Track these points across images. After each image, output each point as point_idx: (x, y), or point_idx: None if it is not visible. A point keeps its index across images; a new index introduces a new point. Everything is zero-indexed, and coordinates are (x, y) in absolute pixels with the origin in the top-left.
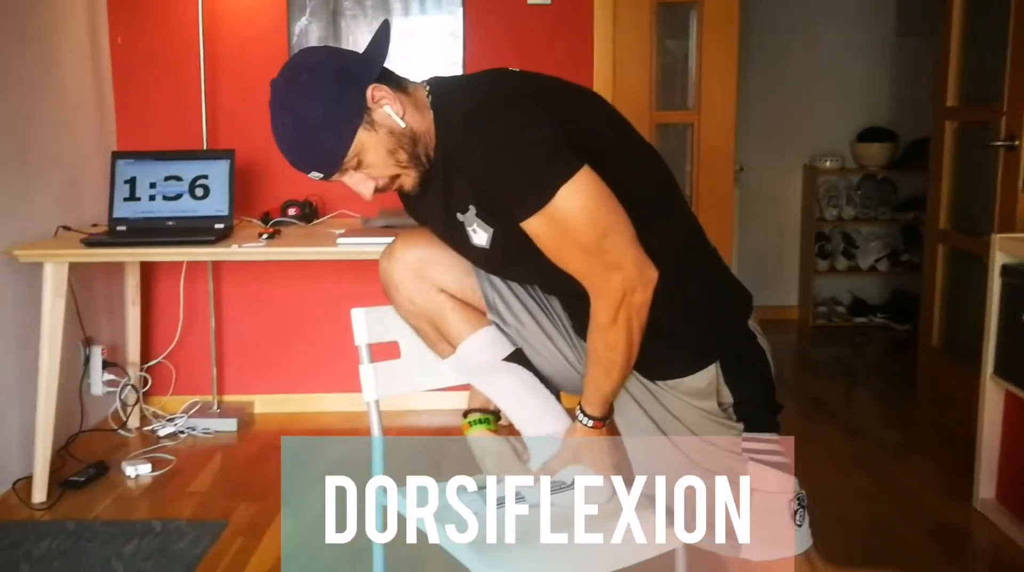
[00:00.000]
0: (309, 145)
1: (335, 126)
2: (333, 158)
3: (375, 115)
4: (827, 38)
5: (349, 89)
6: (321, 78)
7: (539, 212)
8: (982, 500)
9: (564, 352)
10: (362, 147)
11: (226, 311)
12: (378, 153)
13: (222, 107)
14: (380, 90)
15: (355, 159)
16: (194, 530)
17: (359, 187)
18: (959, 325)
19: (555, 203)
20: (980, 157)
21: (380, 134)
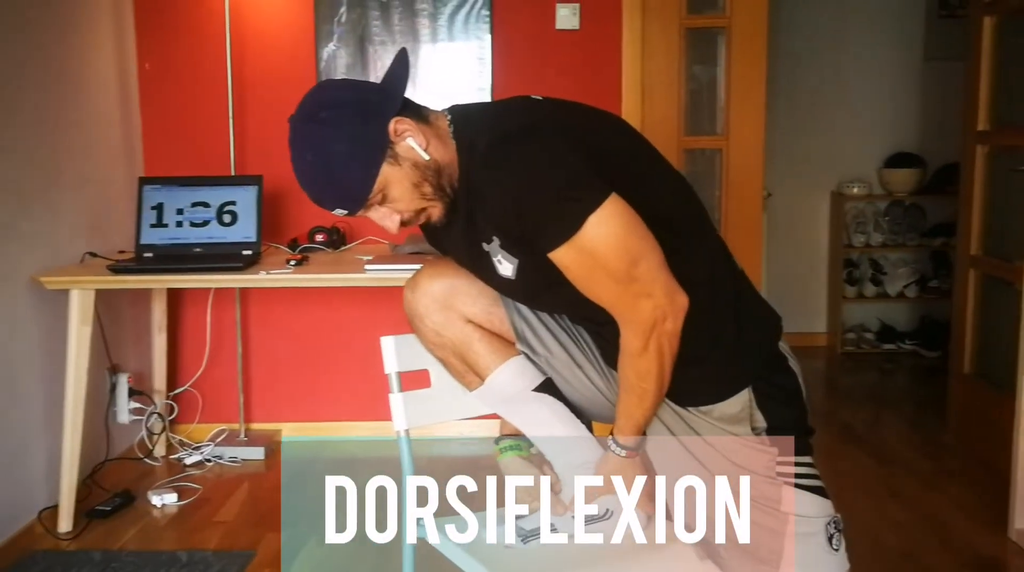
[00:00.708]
0: (333, 182)
1: (359, 162)
2: (358, 195)
3: (398, 149)
4: (854, 63)
5: (371, 124)
6: (342, 114)
7: (567, 242)
8: (1018, 530)
9: (595, 381)
10: (387, 182)
11: (253, 338)
12: (403, 187)
13: (250, 133)
14: (403, 123)
15: (380, 194)
16: (221, 561)
17: (385, 222)
18: (991, 352)
19: (584, 232)
20: (1012, 181)
21: (404, 168)
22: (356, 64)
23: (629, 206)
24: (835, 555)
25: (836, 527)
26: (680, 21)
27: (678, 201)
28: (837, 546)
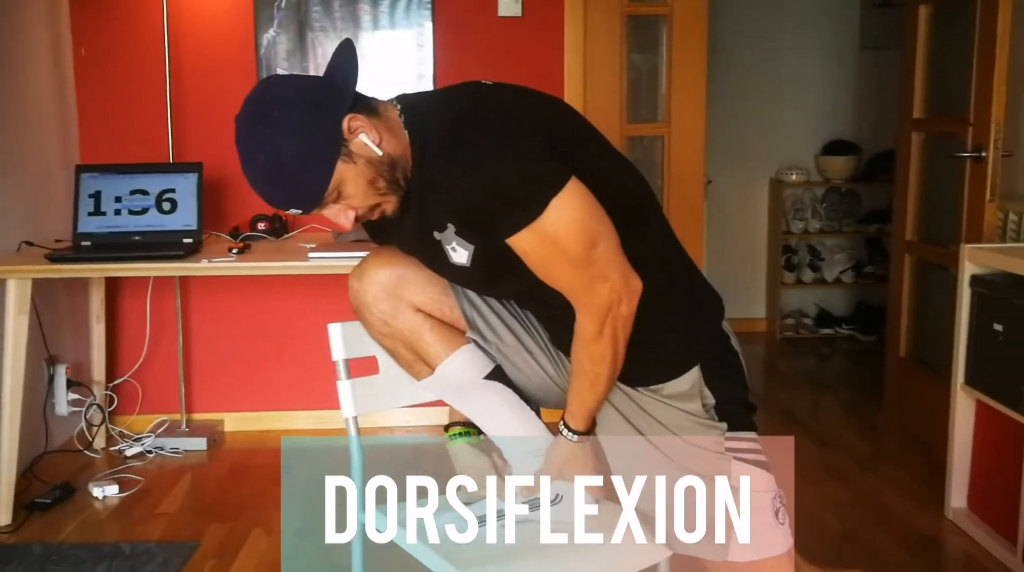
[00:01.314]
0: (287, 184)
1: (313, 162)
2: (313, 195)
3: (352, 146)
4: (791, 52)
5: (324, 122)
6: (293, 114)
7: (528, 227)
8: (953, 509)
9: (544, 366)
10: (341, 180)
11: (194, 328)
12: (358, 184)
13: (189, 120)
14: (356, 120)
15: (335, 192)
16: (164, 552)
17: (339, 218)
18: (926, 335)
19: (546, 216)
20: (946, 168)
21: (359, 165)
22: (296, 51)
23: (587, 189)
24: (781, 528)
25: (780, 501)
26: (622, 9)
27: (629, 185)
28: (783, 520)
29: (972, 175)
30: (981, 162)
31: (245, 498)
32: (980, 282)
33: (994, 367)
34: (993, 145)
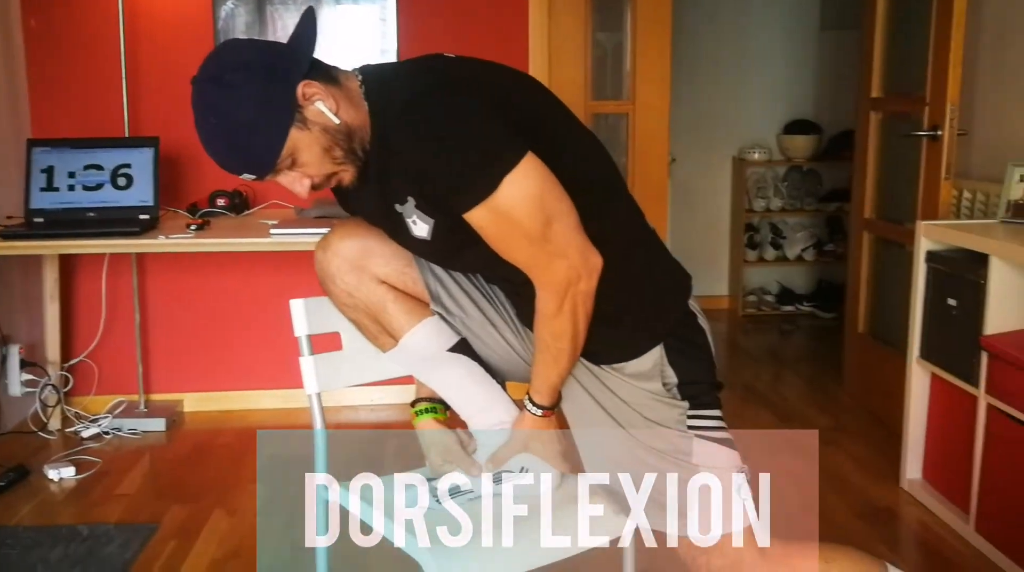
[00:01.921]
0: (239, 147)
1: (266, 127)
2: (266, 160)
3: (307, 113)
4: (754, 32)
5: (279, 87)
6: (248, 76)
7: (483, 203)
8: (909, 480)
9: (509, 340)
10: (295, 147)
11: (152, 306)
12: (313, 152)
13: (144, 93)
14: (311, 86)
15: (289, 159)
16: (123, 534)
17: (294, 186)
18: (884, 311)
19: (500, 193)
20: (903, 147)
21: (314, 132)
22: (255, 23)
23: (545, 166)
24: (743, 504)
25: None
26: None
27: (593, 161)
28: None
29: (928, 154)
30: (937, 141)
31: (206, 479)
32: (935, 258)
33: (948, 341)
34: (949, 124)
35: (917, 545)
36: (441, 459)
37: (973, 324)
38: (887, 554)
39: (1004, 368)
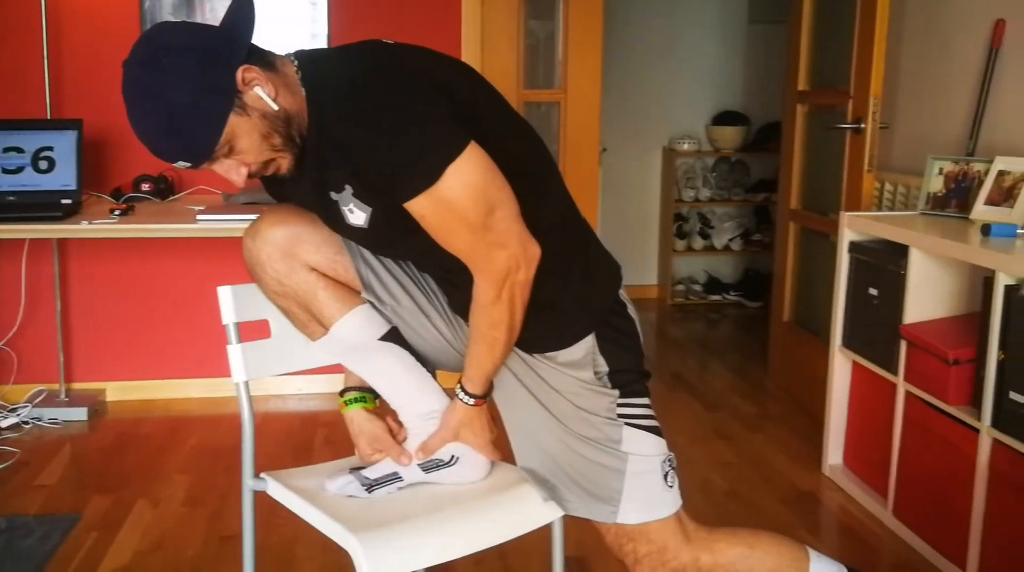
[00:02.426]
0: (175, 134)
1: (204, 113)
2: (203, 148)
3: (246, 98)
4: (683, 24)
5: (217, 72)
6: (185, 61)
7: (425, 192)
8: (831, 466)
9: (441, 329)
10: (234, 133)
11: (74, 293)
12: (251, 138)
13: (67, 75)
14: (250, 71)
15: (227, 146)
16: (43, 526)
17: (230, 174)
18: (809, 301)
19: (443, 182)
20: (828, 139)
21: (253, 118)
22: (183, 5)
23: (487, 155)
24: (670, 492)
25: (671, 465)
26: None
27: (529, 150)
28: (672, 483)
29: (852, 146)
30: (860, 134)
31: (129, 469)
32: (858, 249)
33: (869, 330)
34: (872, 117)
35: (838, 529)
36: (371, 448)
37: (893, 313)
38: (808, 539)
39: (922, 356)
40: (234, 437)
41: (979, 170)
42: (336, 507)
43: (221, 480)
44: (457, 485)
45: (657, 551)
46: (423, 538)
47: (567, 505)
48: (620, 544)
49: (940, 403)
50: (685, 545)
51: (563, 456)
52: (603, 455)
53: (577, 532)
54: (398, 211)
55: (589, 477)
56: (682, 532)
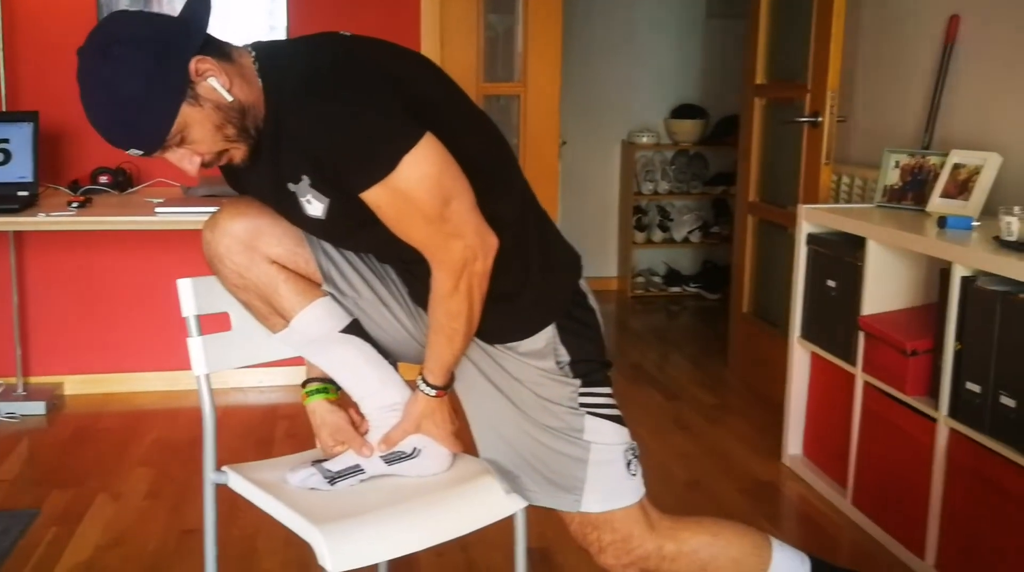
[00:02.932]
0: (127, 123)
1: (156, 103)
2: (154, 136)
3: (199, 89)
4: (643, 18)
5: (170, 62)
6: (137, 50)
7: (381, 182)
8: (790, 456)
9: (402, 321)
10: (186, 123)
11: (31, 286)
12: (204, 128)
13: (23, 65)
14: (204, 62)
15: (179, 136)
16: (3, 520)
17: (183, 163)
18: (767, 292)
19: (398, 173)
20: (786, 132)
21: (206, 109)
22: None
23: (442, 146)
24: (633, 480)
25: (633, 453)
26: None
27: (487, 142)
28: (635, 472)
29: (809, 139)
30: (817, 127)
31: (89, 463)
32: (815, 241)
33: (827, 321)
34: (829, 111)
35: (798, 519)
36: (332, 440)
37: (851, 305)
38: (769, 528)
39: (879, 347)
40: (193, 430)
41: (935, 163)
42: (298, 500)
43: (181, 473)
44: (420, 477)
45: (621, 539)
46: (386, 530)
47: (530, 495)
48: (584, 533)
49: (898, 393)
50: (649, 533)
51: (525, 446)
52: (565, 444)
53: (540, 524)
54: (355, 202)
55: (552, 466)
56: (646, 520)
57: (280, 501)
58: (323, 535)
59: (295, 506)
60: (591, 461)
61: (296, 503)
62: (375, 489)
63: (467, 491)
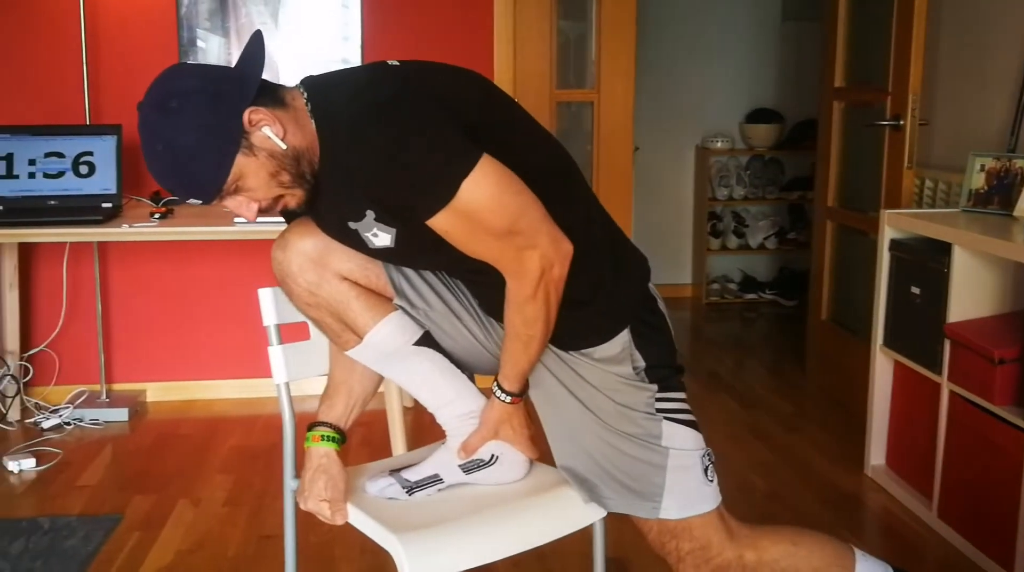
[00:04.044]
0: (184, 174)
1: (210, 155)
2: (210, 187)
3: (254, 139)
4: (717, 22)
5: (224, 114)
6: (193, 104)
7: (445, 209)
8: (873, 466)
9: (473, 332)
10: (241, 173)
11: (114, 295)
12: (259, 177)
13: (105, 81)
14: (258, 112)
15: (234, 185)
16: (85, 526)
17: (241, 210)
18: (846, 299)
19: (460, 197)
20: (866, 136)
21: (260, 158)
22: (218, 11)
23: (502, 164)
24: (710, 486)
25: (710, 459)
26: None
27: (547, 153)
28: (712, 477)
29: (891, 143)
30: (899, 130)
31: (170, 469)
32: (898, 246)
33: (911, 329)
34: (911, 114)
35: (881, 531)
36: (326, 492)
37: (936, 312)
38: (851, 540)
39: (966, 355)
40: (271, 437)
41: (1021, 166)
42: (377, 508)
43: (259, 480)
44: (498, 485)
45: (700, 548)
46: (464, 539)
47: (607, 503)
48: (663, 542)
49: (985, 403)
50: (728, 542)
51: (603, 453)
52: (643, 451)
53: (617, 532)
54: (422, 228)
55: (630, 473)
56: (725, 528)
57: (359, 509)
58: (402, 544)
59: (374, 514)
60: (669, 467)
61: (375, 512)
62: (453, 498)
63: (546, 501)
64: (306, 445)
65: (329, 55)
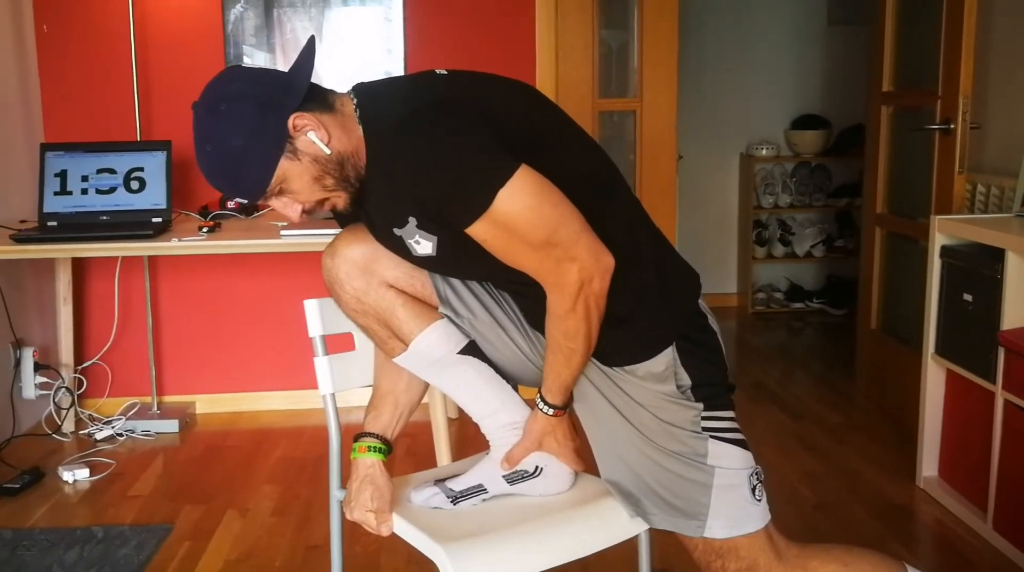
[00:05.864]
0: (230, 174)
1: (256, 157)
2: (255, 188)
3: (298, 143)
4: (760, 28)
5: (270, 119)
6: (241, 108)
7: (481, 218)
8: (925, 478)
9: (518, 342)
10: (285, 176)
11: (164, 308)
12: (303, 180)
13: (155, 97)
14: (303, 118)
15: (278, 187)
16: (138, 535)
17: (286, 211)
18: (896, 307)
19: (496, 207)
20: (915, 141)
21: (304, 162)
22: (264, 27)
23: (541, 175)
24: (758, 505)
25: (758, 478)
26: None
27: (593, 164)
28: (760, 497)
29: (941, 147)
30: (950, 134)
31: (219, 479)
32: (950, 253)
33: (964, 337)
34: (961, 117)
35: (934, 544)
36: (372, 503)
37: (989, 319)
38: (903, 553)
39: (1021, 363)
40: (317, 448)
41: None
42: (422, 518)
43: (306, 490)
44: (542, 496)
45: (747, 568)
46: (509, 550)
47: (651, 518)
48: (708, 561)
49: None
50: (776, 562)
51: (647, 470)
52: (689, 469)
53: (662, 545)
54: (463, 236)
55: (674, 491)
56: (772, 549)
57: (404, 519)
58: (447, 554)
59: (419, 524)
60: (715, 486)
61: (420, 522)
62: (498, 509)
63: (590, 512)
64: (352, 456)
65: (373, 68)
